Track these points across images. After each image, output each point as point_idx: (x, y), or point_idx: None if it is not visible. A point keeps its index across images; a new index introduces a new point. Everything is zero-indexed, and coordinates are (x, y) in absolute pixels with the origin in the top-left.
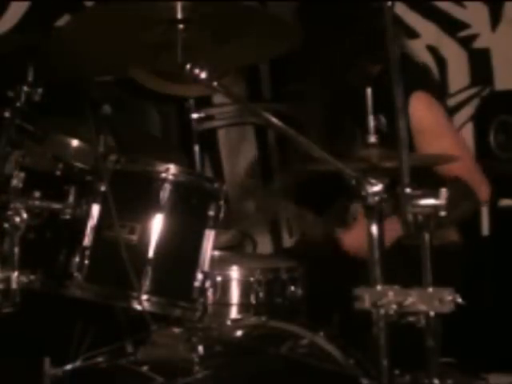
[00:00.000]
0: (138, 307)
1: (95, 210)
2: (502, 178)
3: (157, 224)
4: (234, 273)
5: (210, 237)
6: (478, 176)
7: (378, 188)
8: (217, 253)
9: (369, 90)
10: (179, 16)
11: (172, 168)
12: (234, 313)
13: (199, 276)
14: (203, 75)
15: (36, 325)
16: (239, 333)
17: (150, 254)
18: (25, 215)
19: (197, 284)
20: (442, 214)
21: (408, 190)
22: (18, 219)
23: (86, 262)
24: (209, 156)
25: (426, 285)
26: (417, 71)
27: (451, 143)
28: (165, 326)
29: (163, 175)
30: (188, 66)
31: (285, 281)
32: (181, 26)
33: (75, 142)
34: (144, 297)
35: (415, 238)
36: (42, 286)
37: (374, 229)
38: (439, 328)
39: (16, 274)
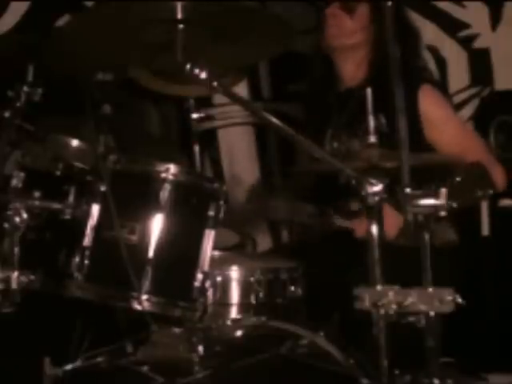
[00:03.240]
0: (138, 307)
1: (95, 210)
2: None
3: (157, 224)
4: (234, 273)
5: (209, 237)
6: (493, 160)
7: (377, 188)
8: (217, 253)
9: (369, 90)
10: (179, 16)
11: (172, 168)
12: (234, 313)
13: (199, 276)
14: (203, 75)
15: (36, 325)
16: (239, 333)
17: (150, 253)
18: (25, 215)
19: (197, 284)
20: (442, 214)
21: (408, 190)
22: (17, 219)
23: (86, 262)
24: (209, 156)
25: (426, 285)
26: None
27: (462, 129)
28: (165, 325)
29: (163, 175)
30: (188, 66)
31: (285, 281)
32: (181, 25)
33: (75, 142)
34: (144, 297)
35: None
36: (42, 285)
37: (374, 229)
38: (439, 328)
39: (16, 273)
